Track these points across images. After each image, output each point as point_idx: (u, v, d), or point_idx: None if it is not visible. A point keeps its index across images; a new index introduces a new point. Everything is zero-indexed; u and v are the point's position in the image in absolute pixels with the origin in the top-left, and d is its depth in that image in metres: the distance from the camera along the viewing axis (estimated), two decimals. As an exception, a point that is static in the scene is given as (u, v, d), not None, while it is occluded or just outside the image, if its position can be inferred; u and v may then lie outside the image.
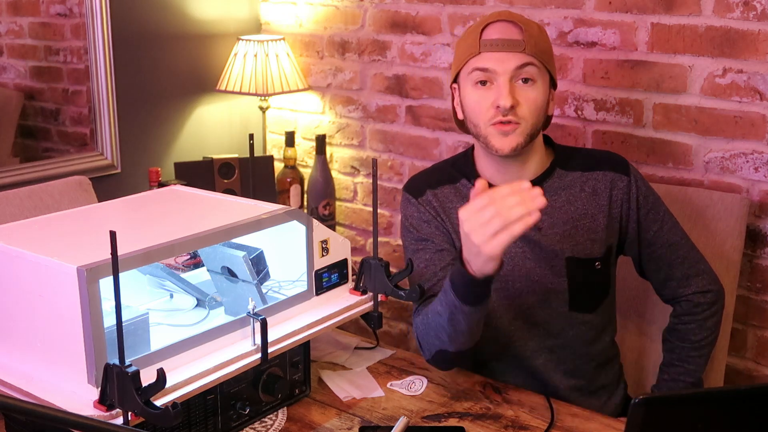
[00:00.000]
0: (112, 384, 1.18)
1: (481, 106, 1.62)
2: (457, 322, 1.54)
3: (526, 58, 1.60)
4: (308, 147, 2.97)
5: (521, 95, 1.60)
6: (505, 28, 1.62)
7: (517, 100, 1.60)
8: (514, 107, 1.59)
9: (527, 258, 1.68)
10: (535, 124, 1.62)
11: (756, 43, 1.99)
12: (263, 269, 1.51)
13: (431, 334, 1.60)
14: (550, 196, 1.67)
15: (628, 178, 1.70)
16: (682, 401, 1.02)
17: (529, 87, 1.61)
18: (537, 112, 1.62)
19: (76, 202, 2.06)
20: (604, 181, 1.70)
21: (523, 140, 1.62)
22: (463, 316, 1.52)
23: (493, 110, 1.61)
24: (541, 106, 1.63)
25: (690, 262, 1.73)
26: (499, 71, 1.60)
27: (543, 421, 1.51)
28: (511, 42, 1.60)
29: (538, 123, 1.64)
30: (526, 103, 1.61)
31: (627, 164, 1.73)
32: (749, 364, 2.13)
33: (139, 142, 2.76)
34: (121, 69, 2.66)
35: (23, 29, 2.61)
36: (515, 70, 1.60)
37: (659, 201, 1.74)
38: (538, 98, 1.62)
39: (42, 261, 1.27)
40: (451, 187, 1.73)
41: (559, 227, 1.67)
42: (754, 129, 2.03)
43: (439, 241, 1.71)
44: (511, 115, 1.60)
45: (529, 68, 1.60)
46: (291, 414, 1.53)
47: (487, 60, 1.61)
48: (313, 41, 2.88)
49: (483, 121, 1.63)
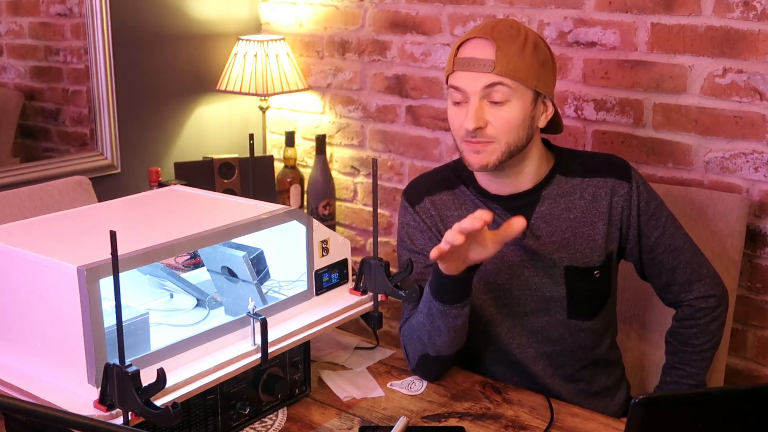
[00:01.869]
0: (112, 384, 1.18)
1: (455, 123, 1.63)
2: (434, 319, 1.56)
3: (495, 78, 1.56)
4: (308, 147, 2.97)
5: (491, 115, 1.58)
6: (478, 46, 1.58)
7: (485, 120, 1.58)
8: (481, 128, 1.58)
9: (525, 266, 1.67)
10: (510, 142, 1.59)
11: (756, 43, 1.99)
12: (263, 269, 1.51)
13: (414, 338, 1.63)
14: (549, 204, 1.67)
15: (629, 184, 1.68)
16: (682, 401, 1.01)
17: (501, 107, 1.58)
18: (510, 130, 1.59)
19: (76, 202, 2.06)
20: (605, 187, 1.68)
21: (497, 158, 1.60)
22: (437, 312, 1.56)
23: (464, 129, 1.60)
24: (516, 124, 1.59)
25: (692, 267, 1.72)
26: (468, 91, 1.59)
27: (543, 421, 1.51)
28: (479, 62, 1.57)
29: (517, 139, 1.60)
30: (496, 123, 1.58)
31: (629, 169, 1.70)
32: (749, 364, 2.13)
33: (139, 142, 2.76)
34: (121, 69, 2.66)
35: (23, 29, 2.61)
36: (483, 90, 1.57)
37: (662, 206, 1.72)
38: (512, 117, 1.58)
39: (42, 261, 1.26)
40: (450, 193, 1.73)
41: (558, 235, 1.66)
42: (754, 129, 2.03)
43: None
44: (480, 136, 1.59)
45: (498, 88, 1.57)
46: (291, 414, 1.53)
47: (459, 78, 1.60)
48: (313, 41, 2.88)
49: (458, 138, 1.63)
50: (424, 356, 1.62)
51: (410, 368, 1.67)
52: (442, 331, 1.57)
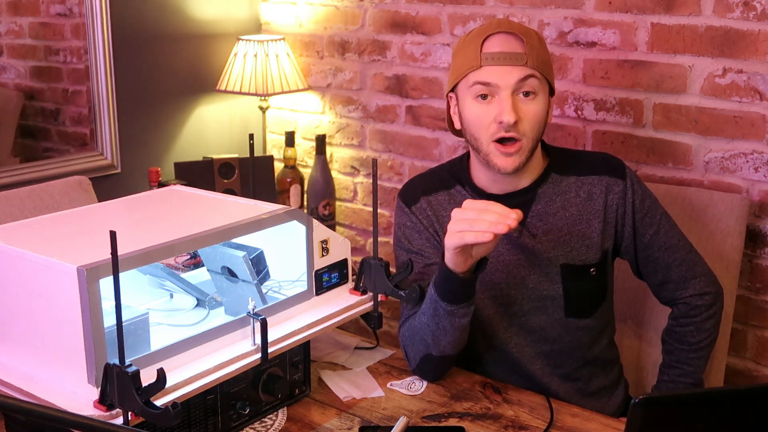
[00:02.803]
0: (112, 384, 1.18)
1: (483, 120, 1.60)
2: (439, 319, 1.56)
3: (529, 70, 1.58)
4: (308, 147, 2.97)
5: (523, 109, 1.59)
6: (507, 40, 1.59)
7: (519, 115, 1.58)
8: (516, 123, 1.58)
9: (522, 265, 1.67)
10: (535, 138, 1.62)
11: (756, 43, 1.99)
12: (263, 269, 1.51)
13: (416, 339, 1.62)
14: (545, 202, 1.67)
15: (624, 182, 1.68)
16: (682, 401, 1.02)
17: (531, 100, 1.59)
18: (538, 126, 1.61)
19: (76, 202, 2.06)
20: (600, 185, 1.68)
21: (525, 159, 1.61)
22: (443, 312, 1.55)
23: (496, 125, 1.59)
24: (542, 120, 1.62)
25: (688, 265, 1.72)
26: (501, 85, 1.58)
27: (543, 421, 1.51)
28: (513, 55, 1.58)
29: (539, 137, 1.63)
30: (528, 117, 1.59)
31: (623, 167, 1.71)
32: (749, 364, 2.13)
33: (139, 142, 2.76)
34: (121, 69, 2.66)
35: (23, 29, 2.61)
36: (517, 84, 1.58)
37: (656, 204, 1.73)
38: (540, 111, 1.60)
39: (42, 261, 1.26)
40: (445, 193, 1.72)
41: (554, 233, 1.67)
42: (754, 129, 2.03)
43: (429, 254, 1.70)
44: (513, 131, 1.58)
45: (531, 81, 1.58)
46: (291, 414, 1.53)
47: (488, 74, 1.59)
48: (313, 41, 2.88)
49: (485, 137, 1.61)
50: (426, 357, 1.62)
51: (410, 369, 1.67)
52: (447, 331, 1.57)
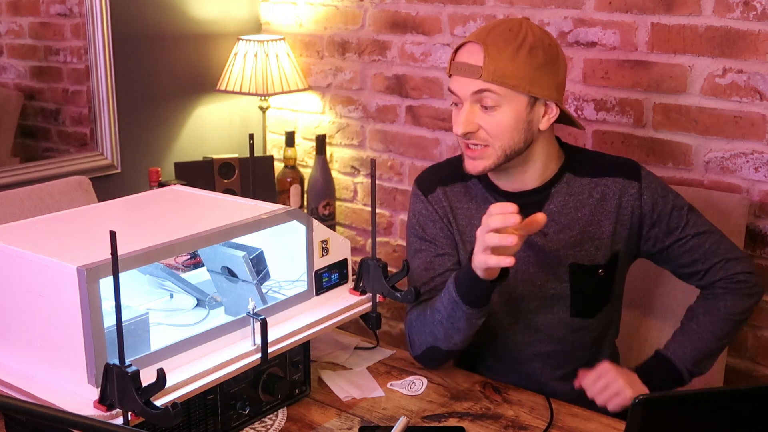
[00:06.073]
0: (112, 384, 1.18)
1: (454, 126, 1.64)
2: (456, 320, 1.55)
3: (482, 84, 1.56)
4: (308, 147, 2.97)
5: (483, 119, 1.59)
6: (470, 51, 1.58)
7: (476, 124, 1.59)
8: (473, 132, 1.59)
9: (530, 263, 1.67)
10: (505, 145, 1.59)
11: (756, 43, 1.99)
12: (263, 269, 1.51)
13: (426, 331, 1.63)
14: (558, 202, 1.67)
15: (639, 183, 1.66)
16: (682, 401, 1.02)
17: (492, 112, 1.58)
18: (503, 135, 1.59)
19: (76, 202, 2.06)
20: (614, 187, 1.67)
21: (493, 162, 1.61)
22: (462, 314, 1.55)
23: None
24: (509, 129, 1.58)
25: (726, 246, 1.69)
26: (460, 95, 1.60)
27: (543, 421, 1.51)
28: (468, 67, 1.57)
29: (512, 143, 1.60)
30: (488, 126, 1.59)
31: (638, 170, 1.68)
32: (749, 364, 2.13)
33: (139, 142, 2.76)
34: (121, 69, 2.66)
35: (23, 29, 2.61)
36: (473, 95, 1.58)
37: (679, 198, 1.70)
38: (503, 122, 1.58)
39: (42, 261, 1.26)
40: (462, 185, 1.73)
41: (565, 233, 1.66)
42: (754, 129, 2.03)
43: (442, 244, 1.71)
44: (474, 139, 1.60)
45: (486, 94, 1.57)
46: (291, 414, 1.53)
47: (453, 83, 1.62)
48: (313, 41, 2.88)
49: (459, 140, 1.65)
50: (433, 348, 1.63)
51: (412, 355, 1.67)
52: (462, 331, 1.57)
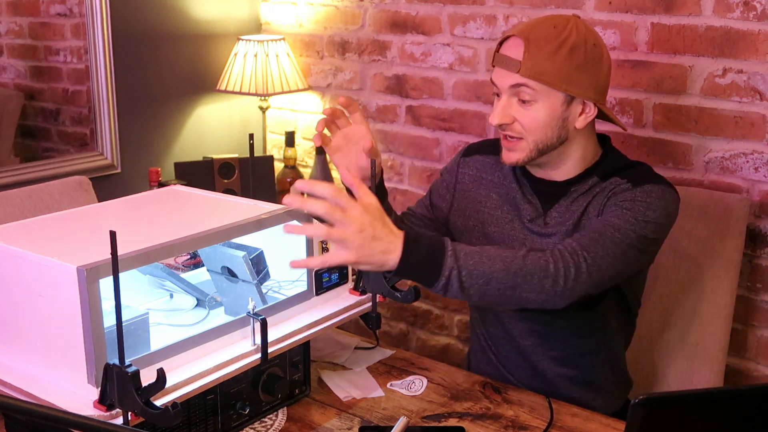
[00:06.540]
0: (112, 384, 1.18)
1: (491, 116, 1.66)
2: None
3: (519, 79, 1.58)
4: (308, 147, 2.96)
5: (519, 113, 1.61)
6: (512, 45, 1.61)
7: (512, 117, 1.62)
8: (507, 124, 1.62)
9: (525, 245, 1.68)
10: (538, 140, 1.61)
11: (756, 43, 1.99)
12: (263, 269, 1.51)
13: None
14: (573, 200, 1.66)
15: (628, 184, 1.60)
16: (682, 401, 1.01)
17: (527, 106, 1.60)
18: (536, 130, 1.61)
19: (76, 202, 2.06)
20: (609, 186, 1.64)
21: (526, 156, 1.63)
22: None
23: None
24: (543, 124, 1.60)
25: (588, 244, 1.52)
26: (500, 87, 1.63)
27: (543, 421, 1.51)
28: (508, 60, 1.60)
29: (545, 138, 1.61)
30: (522, 121, 1.61)
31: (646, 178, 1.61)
32: (749, 364, 2.13)
33: (139, 142, 2.76)
34: (121, 69, 2.66)
35: (23, 29, 2.61)
36: (511, 88, 1.61)
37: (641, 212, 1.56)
38: (538, 117, 1.60)
39: (42, 261, 1.26)
40: (495, 159, 1.76)
41: (566, 227, 1.66)
42: (754, 129, 2.03)
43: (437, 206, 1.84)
44: (509, 130, 1.63)
45: (523, 89, 1.59)
46: (291, 414, 1.53)
47: (494, 74, 1.65)
48: (313, 41, 2.88)
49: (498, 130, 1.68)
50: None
51: None
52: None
